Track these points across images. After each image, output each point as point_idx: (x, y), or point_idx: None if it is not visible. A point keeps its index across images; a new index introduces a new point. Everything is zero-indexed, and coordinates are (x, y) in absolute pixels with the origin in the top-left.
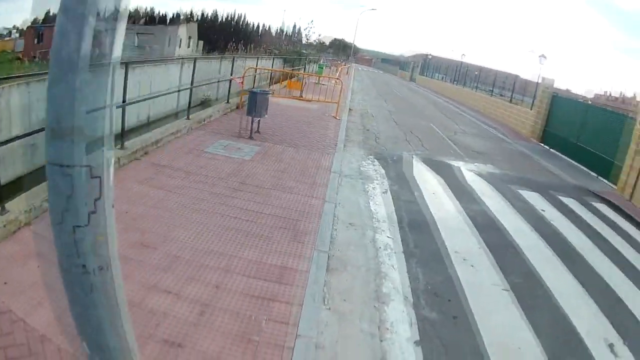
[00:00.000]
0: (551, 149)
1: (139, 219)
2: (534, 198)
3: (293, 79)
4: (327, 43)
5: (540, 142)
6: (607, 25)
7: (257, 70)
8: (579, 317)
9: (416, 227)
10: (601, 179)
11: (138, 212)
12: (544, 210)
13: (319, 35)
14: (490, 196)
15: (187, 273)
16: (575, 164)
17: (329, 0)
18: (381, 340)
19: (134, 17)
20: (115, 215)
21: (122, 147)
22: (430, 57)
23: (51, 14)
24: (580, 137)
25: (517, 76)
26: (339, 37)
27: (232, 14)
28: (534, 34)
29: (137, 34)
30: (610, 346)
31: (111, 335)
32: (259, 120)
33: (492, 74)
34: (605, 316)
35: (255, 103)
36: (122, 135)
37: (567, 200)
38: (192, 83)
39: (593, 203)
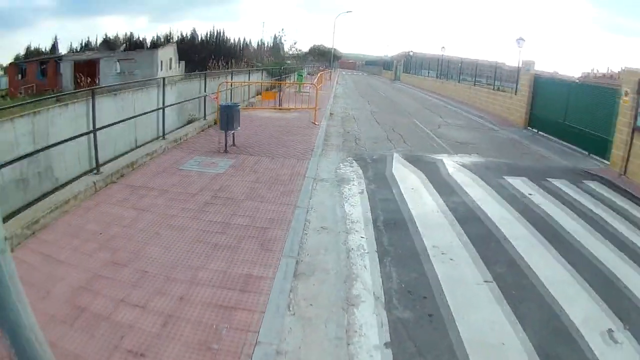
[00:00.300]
0: (539, 132)
1: (111, 239)
2: (521, 184)
3: (268, 90)
4: (307, 50)
5: (528, 127)
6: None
7: (234, 84)
8: (571, 304)
9: (392, 225)
10: (593, 156)
11: (111, 232)
12: (531, 195)
13: (294, 43)
14: (474, 186)
15: (154, 287)
16: (565, 144)
17: (307, 9)
18: (348, 344)
19: (114, 45)
20: (89, 237)
21: (97, 172)
22: (412, 54)
23: (32, 48)
24: (567, 117)
25: (497, 63)
26: (320, 43)
27: (211, 31)
28: (515, 20)
29: (118, 60)
30: (609, 332)
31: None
32: (233, 134)
33: (474, 64)
34: (603, 301)
35: (226, 117)
36: (97, 161)
37: (556, 182)
38: (163, 104)
39: (585, 182)
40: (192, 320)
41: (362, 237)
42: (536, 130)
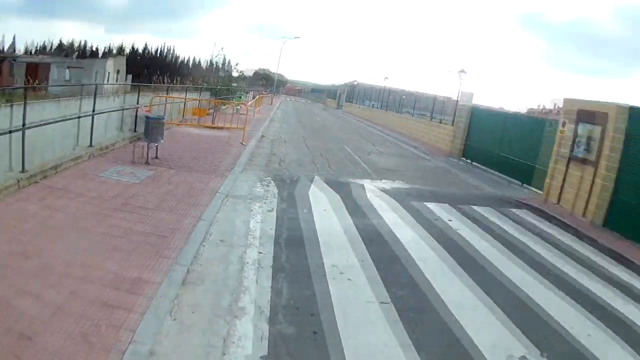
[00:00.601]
0: (473, 163)
1: (23, 233)
2: (440, 210)
3: (201, 108)
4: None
5: (462, 157)
6: (535, 41)
7: (171, 99)
8: (477, 330)
9: (294, 243)
10: (527, 187)
11: (25, 227)
12: (450, 221)
13: (236, 64)
14: (389, 211)
15: (51, 280)
16: (499, 174)
17: (259, 34)
18: (223, 354)
19: (68, 51)
20: (4, 229)
21: (23, 171)
22: (356, 83)
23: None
24: (501, 147)
25: (436, 95)
26: (266, 67)
27: (162, 47)
28: (462, 55)
29: (68, 67)
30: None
31: None
32: (157, 147)
33: (414, 96)
34: (517, 327)
35: (149, 128)
36: (23, 161)
37: (481, 210)
38: (93, 111)
39: (512, 209)
40: (77, 313)
41: (260, 253)
42: (470, 161)
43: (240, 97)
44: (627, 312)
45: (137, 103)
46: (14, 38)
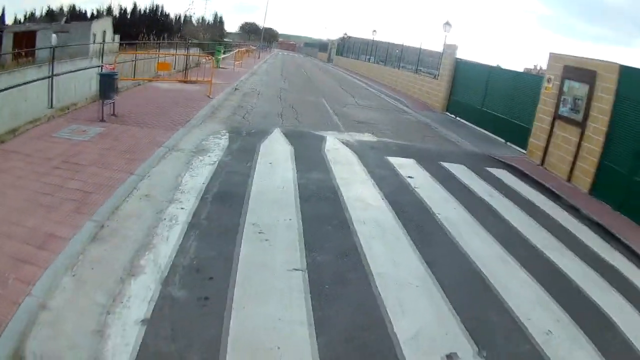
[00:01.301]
0: (457, 118)
1: None
2: (405, 165)
3: (162, 60)
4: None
5: (447, 112)
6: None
7: (145, 56)
8: (404, 312)
9: (222, 199)
10: (511, 145)
11: None
12: (410, 177)
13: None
14: (343, 164)
15: None
16: (483, 131)
17: None
18: (108, 313)
19: (56, 16)
20: None
21: None
22: (347, 37)
23: None
24: (485, 103)
25: (420, 48)
26: (253, 22)
27: (152, 6)
28: (456, 10)
29: (55, 32)
30: (447, 358)
31: None
32: (112, 103)
33: (402, 49)
34: (456, 313)
35: (103, 85)
36: None
37: (452, 167)
38: (52, 73)
39: (488, 169)
40: None
41: (181, 209)
42: (454, 116)
43: (219, 52)
44: (605, 303)
45: (101, 62)
46: (3, 9)
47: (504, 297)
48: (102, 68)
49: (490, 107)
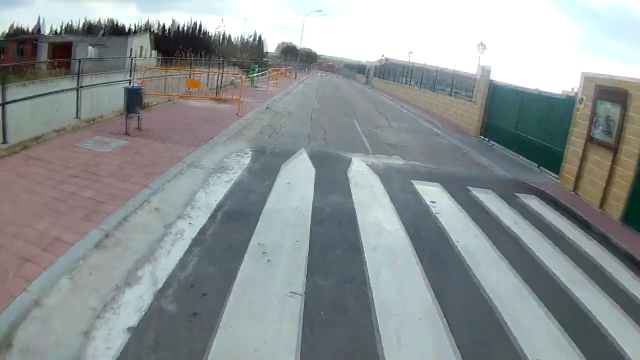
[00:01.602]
0: (491, 142)
1: None
2: (430, 190)
3: (192, 78)
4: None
5: (481, 135)
6: (574, 27)
7: (176, 73)
8: (400, 346)
9: (233, 217)
10: (545, 170)
11: None
12: (433, 203)
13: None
14: (365, 187)
15: None
16: (516, 155)
17: (292, 9)
18: (97, 317)
19: (94, 29)
20: None
21: (4, 142)
22: (384, 59)
23: (16, 27)
24: (518, 126)
25: (454, 70)
26: (290, 42)
27: (190, 24)
28: (493, 36)
29: (92, 45)
30: None
31: None
32: (138, 117)
33: (439, 72)
34: (458, 345)
35: (128, 99)
36: (4, 132)
37: (479, 193)
38: (78, 84)
39: (518, 195)
40: None
41: (190, 224)
42: (487, 140)
43: (254, 70)
44: (633, 350)
45: (131, 77)
46: (38, 19)
47: (515, 335)
48: (131, 82)
49: (524, 130)
